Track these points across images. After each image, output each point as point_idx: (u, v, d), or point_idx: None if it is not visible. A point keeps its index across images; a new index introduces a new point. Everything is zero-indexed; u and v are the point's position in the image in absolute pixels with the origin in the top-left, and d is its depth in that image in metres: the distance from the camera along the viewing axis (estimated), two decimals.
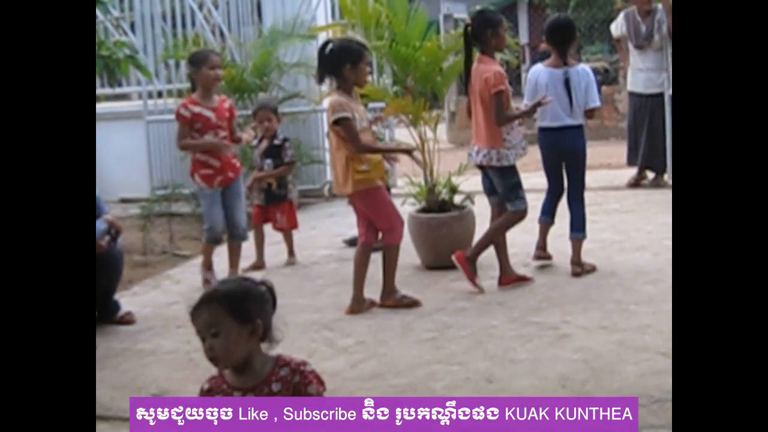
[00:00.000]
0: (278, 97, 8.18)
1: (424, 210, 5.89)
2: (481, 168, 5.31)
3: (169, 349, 4.50)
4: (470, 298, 5.08)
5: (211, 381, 2.40)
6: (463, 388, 3.76)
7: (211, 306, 2.32)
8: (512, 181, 5.18)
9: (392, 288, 5.00)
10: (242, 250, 5.76)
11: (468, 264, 5.18)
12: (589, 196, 5.71)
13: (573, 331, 4.39)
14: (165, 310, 5.22)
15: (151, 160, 8.78)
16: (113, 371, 4.25)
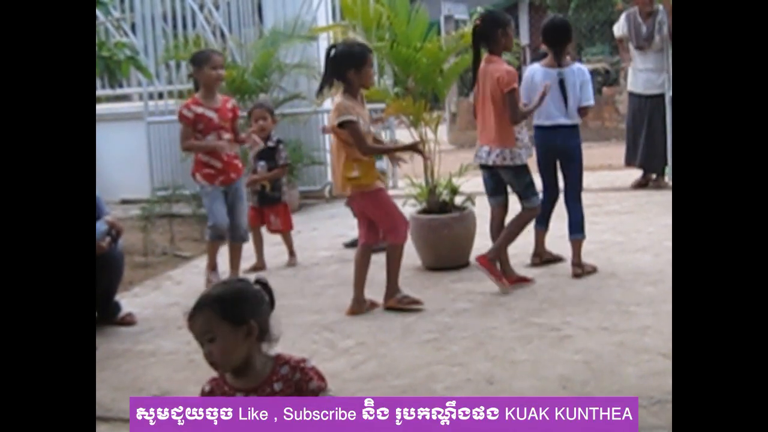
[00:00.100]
0: (279, 98, 8.19)
1: (425, 211, 5.89)
2: (487, 168, 5.32)
3: (170, 350, 4.50)
4: (471, 299, 5.08)
5: (212, 382, 2.40)
6: (463, 389, 3.76)
7: (203, 312, 2.31)
8: (527, 179, 5.24)
9: (396, 288, 5.00)
10: (243, 252, 5.75)
11: (492, 265, 5.17)
12: (590, 197, 5.72)
13: (573, 332, 4.39)
14: (166, 311, 5.21)
15: (152, 161, 8.78)
16: (114, 372, 4.25)
